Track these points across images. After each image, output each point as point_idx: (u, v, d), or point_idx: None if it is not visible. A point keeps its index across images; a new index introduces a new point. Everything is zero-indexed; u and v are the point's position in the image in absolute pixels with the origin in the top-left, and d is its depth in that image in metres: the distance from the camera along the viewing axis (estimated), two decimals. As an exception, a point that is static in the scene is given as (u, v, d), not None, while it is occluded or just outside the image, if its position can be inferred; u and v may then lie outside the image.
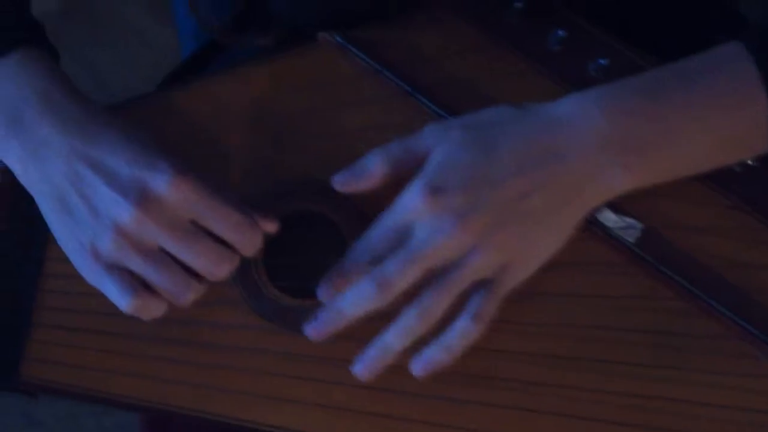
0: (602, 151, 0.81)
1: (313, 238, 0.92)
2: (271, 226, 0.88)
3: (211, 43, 1.10)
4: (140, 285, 0.86)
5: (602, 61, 0.88)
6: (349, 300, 0.84)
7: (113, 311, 0.90)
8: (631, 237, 0.87)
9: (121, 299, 0.85)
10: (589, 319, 0.87)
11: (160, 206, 0.83)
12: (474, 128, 0.84)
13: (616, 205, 0.87)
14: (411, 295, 0.83)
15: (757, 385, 0.85)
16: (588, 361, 0.87)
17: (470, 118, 0.85)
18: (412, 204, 0.82)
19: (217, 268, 0.85)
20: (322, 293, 0.86)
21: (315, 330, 0.86)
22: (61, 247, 0.88)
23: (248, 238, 0.86)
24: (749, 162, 0.86)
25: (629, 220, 0.87)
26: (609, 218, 0.87)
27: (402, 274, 0.82)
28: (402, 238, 0.83)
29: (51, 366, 0.92)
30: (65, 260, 0.91)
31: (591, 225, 0.87)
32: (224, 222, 0.85)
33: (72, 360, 0.92)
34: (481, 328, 0.83)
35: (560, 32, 0.89)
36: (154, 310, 0.86)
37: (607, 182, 0.82)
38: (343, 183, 0.88)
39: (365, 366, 0.86)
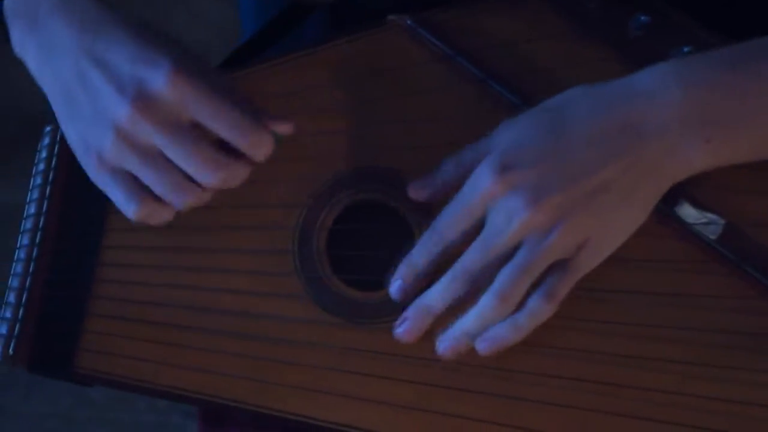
0: (682, 124, 0.79)
1: (378, 228, 0.89)
2: (284, 127, 0.84)
3: (272, 24, 1.07)
4: (146, 191, 0.83)
5: (686, 49, 0.85)
6: (435, 296, 0.82)
7: (169, 302, 0.89)
8: (712, 233, 0.84)
9: (127, 206, 0.83)
10: (666, 318, 0.84)
11: (156, 104, 0.80)
12: (542, 110, 0.82)
13: (696, 200, 0.83)
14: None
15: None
16: (664, 362, 0.83)
17: (538, 105, 0.83)
18: (482, 185, 0.79)
19: (212, 173, 0.81)
20: (394, 290, 0.85)
21: (406, 332, 0.84)
22: (71, 148, 0.86)
23: (253, 140, 0.82)
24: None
25: (711, 216, 0.84)
26: (689, 214, 0.84)
27: (481, 264, 0.80)
28: (475, 222, 0.81)
29: (105, 356, 0.90)
30: (121, 248, 0.90)
31: (670, 220, 0.84)
32: (224, 121, 0.81)
33: (126, 351, 0.90)
34: (554, 308, 0.81)
35: (643, 18, 0.86)
36: (160, 216, 0.84)
37: (687, 157, 0.79)
38: (419, 191, 0.86)
39: (446, 348, 0.83)
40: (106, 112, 0.81)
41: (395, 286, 0.84)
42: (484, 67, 0.89)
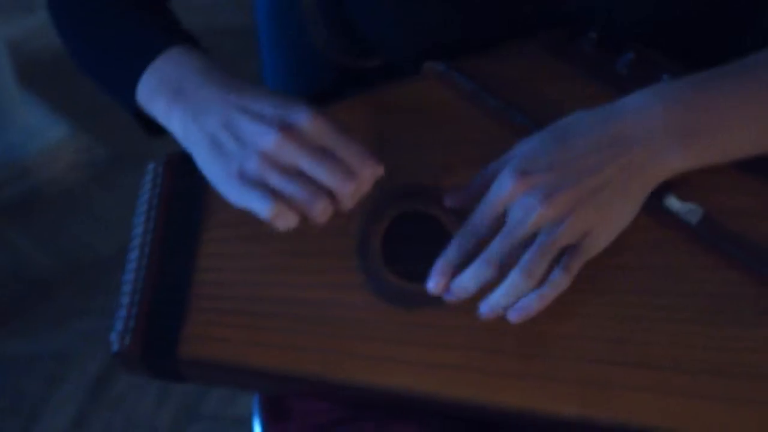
0: (663, 136, 0.97)
1: (421, 230, 1.07)
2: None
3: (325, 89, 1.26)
4: (279, 196, 0.98)
5: (665, 77, 1.04)
6: (469, 277, 0.98)
7: (256, 296, 1.05)
8: (693, 219, 1.02)
9: (263, 206, 0.98)
10: (661, 287, 1.02)
11: (299, 135, 0.98)
12: (552, 129, 1.00)
13: (680, 193, 1.02)
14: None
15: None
16: (660, 322, 1.01)
17: (549, 126, 1.01)
18: (505, 187, 0.97)
19: (345, 184, 0.98)
20: (433, 283, 1.00)
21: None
22: (212, 183, 1.03)
23: (368, 167, 0.99)
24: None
25: (691, 206, 1.02)
26: (674, 204, 1.02)
27: (505, 252, 0.97)
28: (499, 217, 0.98)
29: (204, 343, 1.04)
30: (214, 255, 1.07)
31: (659, 212, 1.02)
32: (350, 151, 0.99)
33: (221, 337, 1.04)
34: (570, 280, 0.98)
35: (629, 55, 1.06)
36: (289, 218, 0.99)
37: (667, 162, 0.98)
38: (453, 199, 1.05)
39: (485, 312, 0.99)
40: (253, 142, 0.98)
41: (434, 280, 1.00)
42: (503, 100, 1.08)
